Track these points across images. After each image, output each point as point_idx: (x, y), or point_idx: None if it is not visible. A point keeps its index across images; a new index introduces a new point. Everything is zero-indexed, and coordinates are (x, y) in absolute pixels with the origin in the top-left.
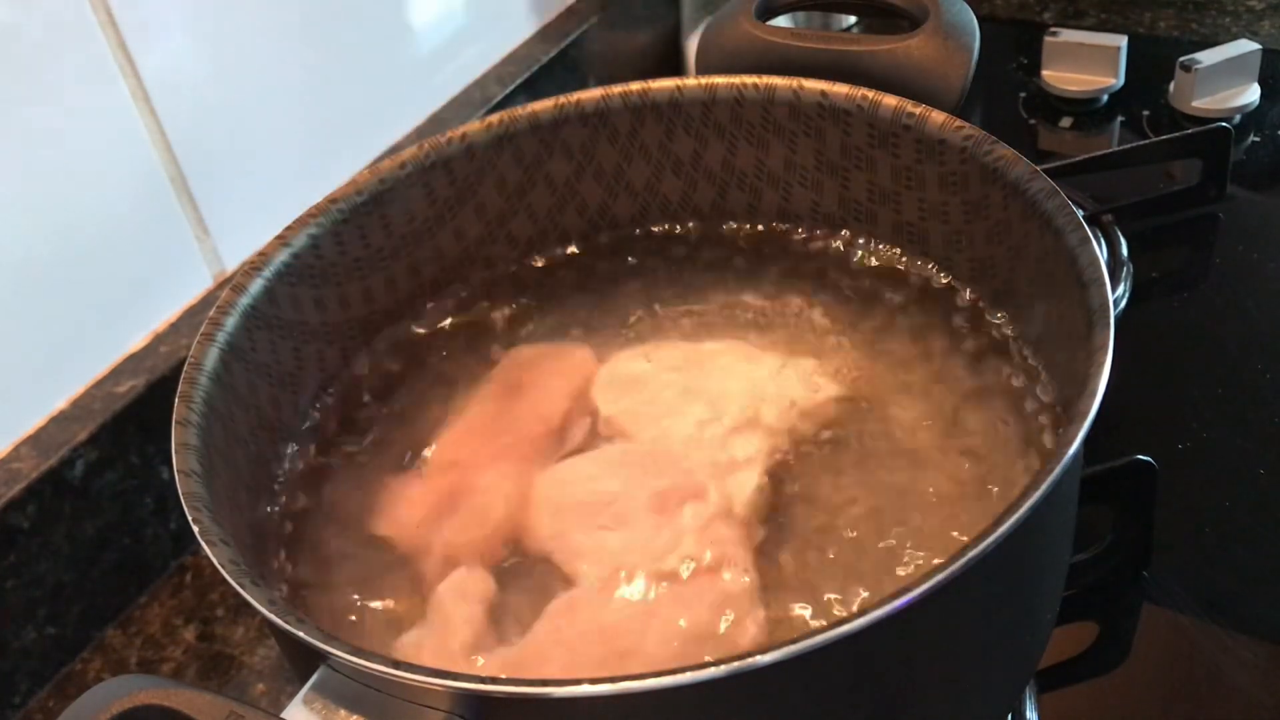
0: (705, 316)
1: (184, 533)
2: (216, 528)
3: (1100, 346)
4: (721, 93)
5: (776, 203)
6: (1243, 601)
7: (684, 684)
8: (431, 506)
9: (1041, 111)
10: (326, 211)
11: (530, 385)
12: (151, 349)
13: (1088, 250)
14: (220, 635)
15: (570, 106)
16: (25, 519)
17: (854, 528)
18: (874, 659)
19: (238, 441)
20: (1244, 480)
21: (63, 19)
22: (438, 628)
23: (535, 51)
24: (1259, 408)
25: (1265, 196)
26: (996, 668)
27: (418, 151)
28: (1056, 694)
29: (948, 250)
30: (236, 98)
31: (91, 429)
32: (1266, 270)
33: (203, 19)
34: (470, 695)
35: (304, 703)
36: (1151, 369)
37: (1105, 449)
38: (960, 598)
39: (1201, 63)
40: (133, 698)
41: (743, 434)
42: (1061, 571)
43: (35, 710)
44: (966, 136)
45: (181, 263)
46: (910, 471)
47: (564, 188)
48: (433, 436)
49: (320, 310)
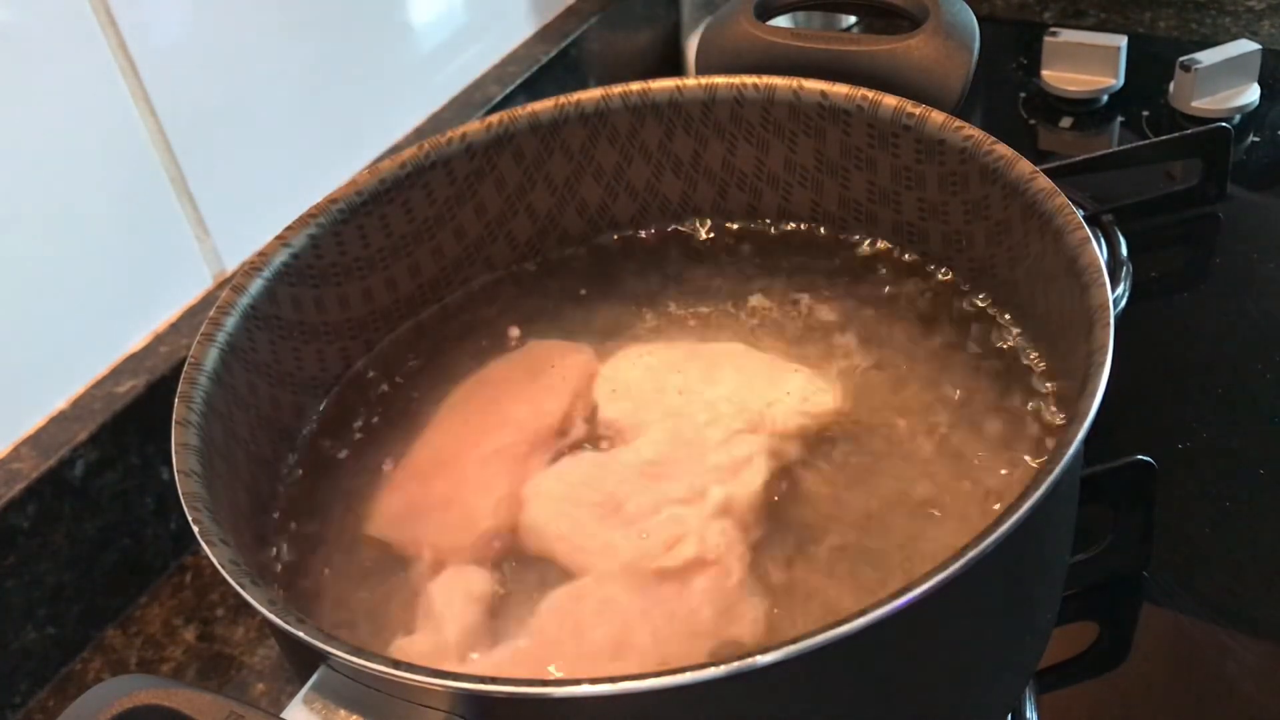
0: (705, 317)
1: (184, 533)
2: (216, 528)
3: (1100, 346)
4: (721, 93)
5: (776, 203)
6: (1243, 601)
7: (684, 684)
8: (431, 506)
9: (1041, 111)
10: (326, 211)
11: (531, 384)
12: (151, 349)
13: (1088, 250)
14: (220, 635)
15: (570, 106)
16: (25, 519)
17: (854, 528)
18: (874, 659)
19: (238, 441)
20: (1244, 480)
21: (63, 19)
22: (433, 626)
23: (535, 51)
24: (1259, 408)
25: (1265, 196)
26: (996, 667)
27: (418, 151)
28: (1056, 694)
29: (948, 250)
30: (236, 98)
31: (91, 429)
32: (1266, 270)
33: (202, 19)
34: (470, 695)
35: (304, 703)
36: (1151, 369)
37: (1105, 449)
38: (960, 598)
39: (1201, 63)
40: (133, 698)
41: (743, 435)
42: (1061, 571)
43: (35, 710)
44: (966, 137)
45: (181, 263)
46: (910, 472)
47: (564, 188)
48: (433, 436)
49: (320, 310)
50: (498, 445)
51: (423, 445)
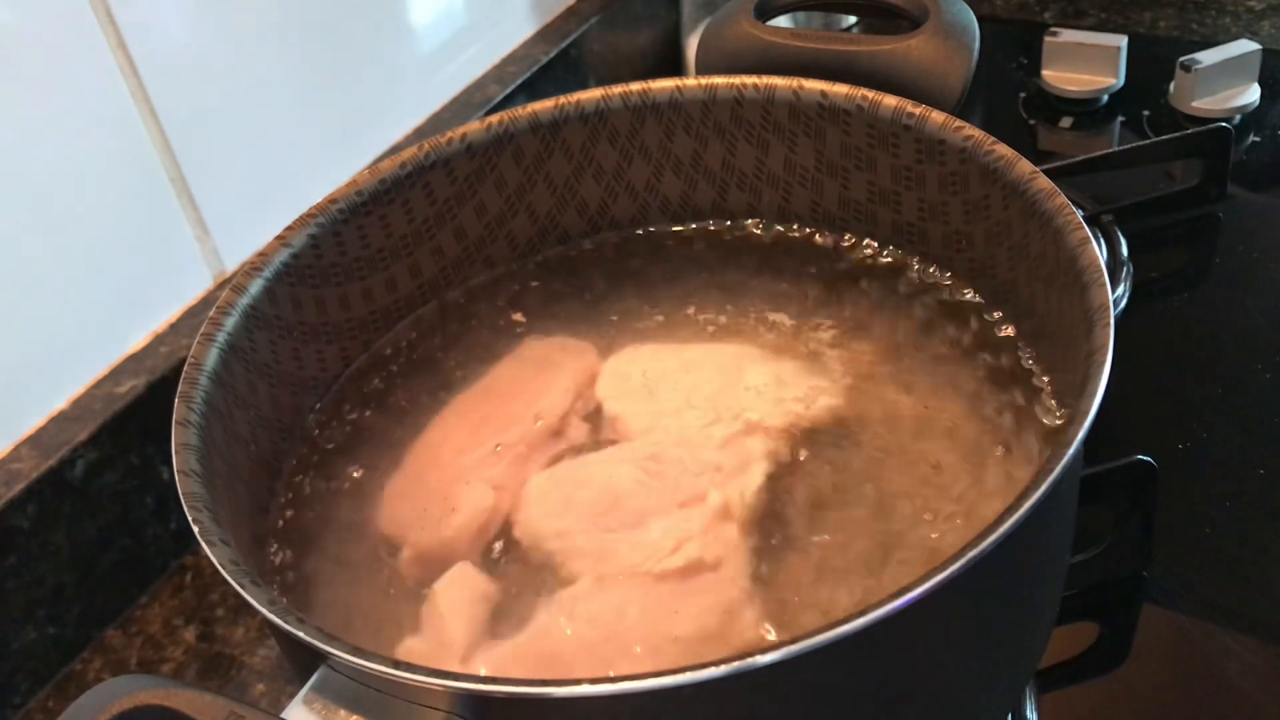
0: (706, 318)
1: (184, 533)
2: (216, 528)
3: (1100, 347)
4: (721, 93)
5: (776, 203)
6: (1243, 601)
7: (684, 684)
8: (431, 504)
9: (1041, 111)
10: (326, 211)
11: (532, 383)
12: (151, 349)
13: (1088, 251)
14: (220, 635)
15: (570, 106)
16: (25, 519)
17: (854, 529)
18: (874, 659)
19: (238, 441)
20: (1244, 480)
21: (62, 19)
22: (434, 627)
23: (535, 51)
24: (1259, 408)
25: (1265, 196)
26: (996, 668)
27: (418, 151)
28: (1056, 694)
29: (948, 250)
30: (236, 98)
31: (91, 429)
32: (1266, 270)
33: (202, 19)
34: (470, 695)
35: (304, 703)
36: (1151, 369)
37: (1105, 449)
38: (960, 597)
39: (1201, 63)
40: (133, 698)
41: (743, 436)
42: (1061, 571)
43: (35, 710)
44: (966, 137)
45: (181, 263)
46: (910, 473)
47: (564, 188)
48: (433, 435)
49: (320, 310)
50: (498, 444)
51: (423, 444)
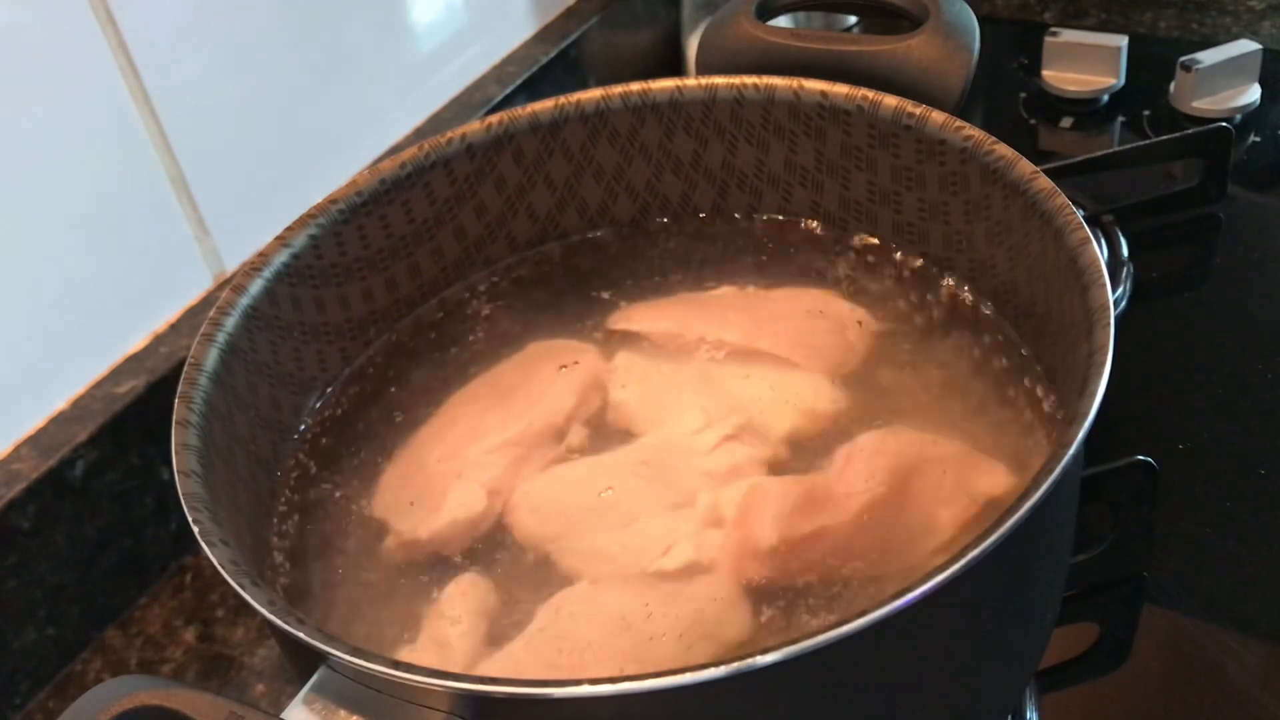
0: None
1: (184, 533)
2: (216, 528)
3: (1100, 347)
4: (721, 93)
5: (777, 203)
6: (1243, 601)
7: (684, 684)
8: (431, 504)
9: (1042, 111)
10: (326, 211)
11: (532, 383)
12: (151, 349)
13: (1088, 251)
14: (220, 636)
15: (570, 106)
16: (25, 519)
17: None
18: (874, 659)
19: (238, 441)
20: (1244, 480)
21: (63, 19)
22: (435, 629)
23: (535, 52)
24: (1259, 408)
25: (1265, 196)
26: (996, 668)
27: (418, 151)
28: (1056, 694)
29: (948, 250)
30: (236, 98)
31: (91, 429)
32: (1266, 270)
33: (203, 19)
34: (470, 695)
35: (304, 703)
36: (1151, 369)
37: (1105, 449)
38: (960, 598)
39: (1202, 63)
40: (133, 698)
41: (742, 439)
42: (1061, 571)
43: (35, 710)
44: (967, 137)
45: (181, 263)
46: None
47: (564, 188)
48: (433, 435)
49: (320, 310)
50: (498, 444)
51: (423, 444)
